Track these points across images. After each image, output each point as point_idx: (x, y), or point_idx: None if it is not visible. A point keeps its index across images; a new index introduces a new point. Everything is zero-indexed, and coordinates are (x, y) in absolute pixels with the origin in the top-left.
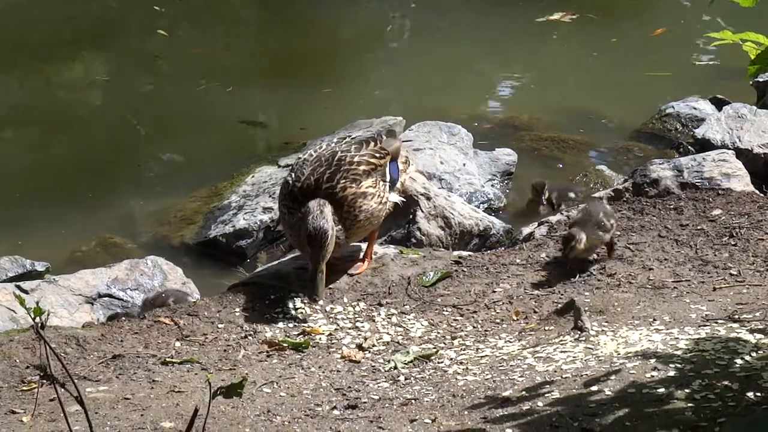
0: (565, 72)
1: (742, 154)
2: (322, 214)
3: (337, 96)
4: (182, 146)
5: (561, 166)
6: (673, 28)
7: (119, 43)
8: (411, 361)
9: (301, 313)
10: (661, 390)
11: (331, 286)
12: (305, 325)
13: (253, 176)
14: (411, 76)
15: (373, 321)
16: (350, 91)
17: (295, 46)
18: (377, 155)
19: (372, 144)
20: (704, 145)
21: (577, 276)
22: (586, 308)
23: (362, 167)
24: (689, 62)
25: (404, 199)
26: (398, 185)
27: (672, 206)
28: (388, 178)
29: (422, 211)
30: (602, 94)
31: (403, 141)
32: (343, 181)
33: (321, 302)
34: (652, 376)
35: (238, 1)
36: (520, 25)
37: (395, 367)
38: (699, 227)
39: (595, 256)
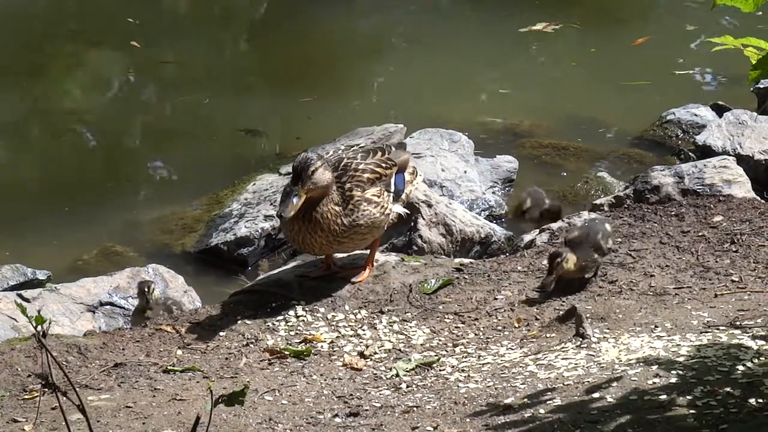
0: (564, 80)
1: (743, 161)
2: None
3: (335, 105)
4: (182, 155)
5: (562, 173)
6: (657, 37)
7: (104, 52)
8: (413, 369)
9: (303, 321)
10: (663, 397)
11: (332, 293)
12: (307, 332)
13: (254, 184)
14: (411, 84)
15: (375, 328)
16: (349, 100)
17: (292, 55)
18: (383, 165)
19: (379, 154)
20: (705, 152)
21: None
22: (588, 315)
23: (366, 175)
24: (688, 69)
25: (408, 212)
26: (403, 196)
27: (673, 213)
28: (392, 189)
29: (423, 219)
30: (603, 101)
31: (413, 154)
32: (349, 183)
33: (287, 216)
34: (654, 383)
35: (221, 9)
36: (512, 34)
37: (397, 375)
38: (700, 234)
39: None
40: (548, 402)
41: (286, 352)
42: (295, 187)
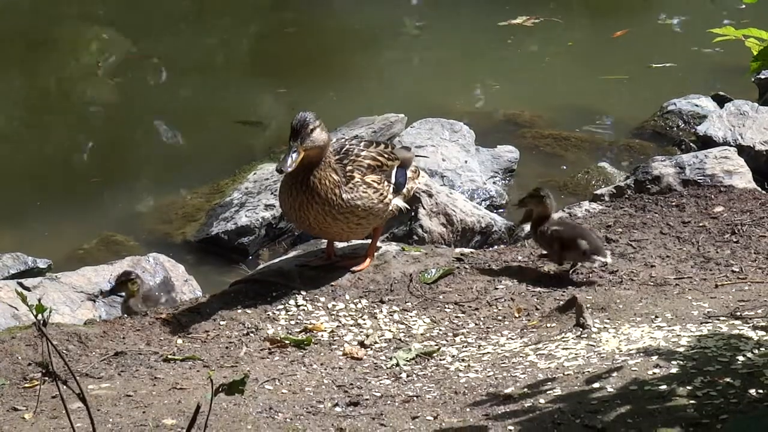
0: (566, 70)
1: (744, 151)
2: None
3: (336, 94)
4: (183, 144)
5: (563, 163)
6: (637, 29)
7: (96, 44)
8: (413, 358)
9: (303, 310)
10: (663, 387)
11: (332, 283)
12: (307, 322)
13: (255, 173)
14: (412, 74)
15: (375, 318)
16: (349, 90)
17: (288, 47)
18: (385, 155)
19: (382, 146)
20: (706, 142)
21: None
22: (588, 305)
23: (368, 161)
24: (692, 56)
25: (408, 207)
26: (404, 191)
27: (674, 203)
28: (393, 180)
29: (424, 208)
30: (604, 92)
31: (417, 155)
32: (350, 166)
33: (286, 171)
34: (654, 373)
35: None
36: (494, 27)
37: (397, 364)
38: (701, 224)
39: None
40: (548, 392)
41: (287, 342)
42: (294, 144)
